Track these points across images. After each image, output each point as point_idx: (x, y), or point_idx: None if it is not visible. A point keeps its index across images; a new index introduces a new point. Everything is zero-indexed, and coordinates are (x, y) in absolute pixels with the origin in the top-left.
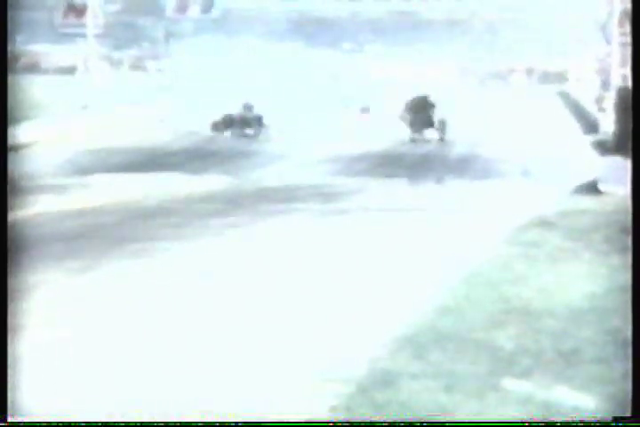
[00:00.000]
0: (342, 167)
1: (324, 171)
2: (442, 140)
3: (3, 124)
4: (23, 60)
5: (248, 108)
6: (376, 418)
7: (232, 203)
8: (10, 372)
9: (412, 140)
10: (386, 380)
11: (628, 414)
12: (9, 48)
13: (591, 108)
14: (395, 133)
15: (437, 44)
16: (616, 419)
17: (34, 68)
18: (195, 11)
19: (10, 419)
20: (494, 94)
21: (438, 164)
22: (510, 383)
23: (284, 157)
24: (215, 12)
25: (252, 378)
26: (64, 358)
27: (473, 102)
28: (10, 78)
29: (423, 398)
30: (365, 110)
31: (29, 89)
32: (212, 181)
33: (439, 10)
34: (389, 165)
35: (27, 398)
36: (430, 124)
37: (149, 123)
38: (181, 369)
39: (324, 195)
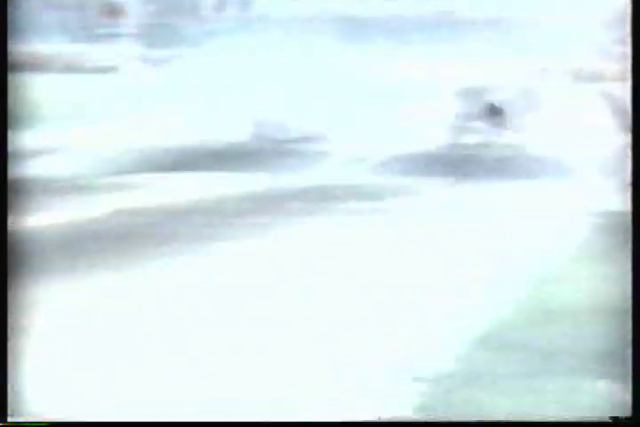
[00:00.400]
0: (383, 167)
1: (364, 170)
2: (489, 146)
3: (3, 126)
4: (59, 61)
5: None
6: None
7: (271, 202)
8: (10, 372)
9: (457, 146)
10: (470, 379)
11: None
12: (46, 48)
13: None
14: (438, 133)
15: (479, 42)
16: (615, 419)
17: (69, 68)
18: (232, 10)
19: (10, 419)
20: (537, 93)
21: (484, 163)
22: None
23: (324, 156)
24: (252, 12)
25: (334, 377)
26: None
27: (516, 101)
28: (46, 78)
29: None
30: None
31: (66, 89)
32: (251, 181)
33: (481, 8)
34: (433, 164)
35: (27, 398)
36: (478, 127)
37: (187, 122)
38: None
39: (364, 194)
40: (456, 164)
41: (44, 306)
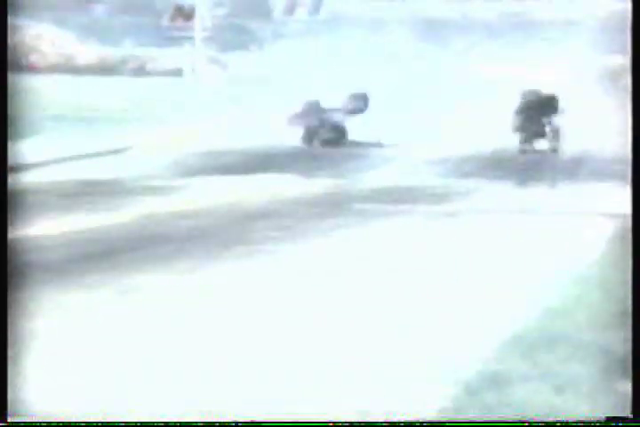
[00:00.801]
0: (452, 169)
1: (433, 172)
2: (555, 151)
3: (4, 134)
4: (131, 64)
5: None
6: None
7: (340, 204)
8: (10, 371)
9: (522, 152)
10: (496, 381)
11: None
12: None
13: None
14: (505, 135)
15: (550, 44)
16: (615, 419)
17: (141, 70)
18: (302, 12)
19: (10, 419)
20: (607, 94)
21: (549, 165)
22: (624, 386)
23: (393, 158)
24: (323, 14)
25: (361, 377)
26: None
27: (586, 102)
28: (116, 80)
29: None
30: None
31: (137, 92)
32: (320, 183)
33: (551, 10)
34: (499, 166)
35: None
36: (542, 132)
37: (256, 124)
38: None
39: (434, 196)
40: (522, 166)
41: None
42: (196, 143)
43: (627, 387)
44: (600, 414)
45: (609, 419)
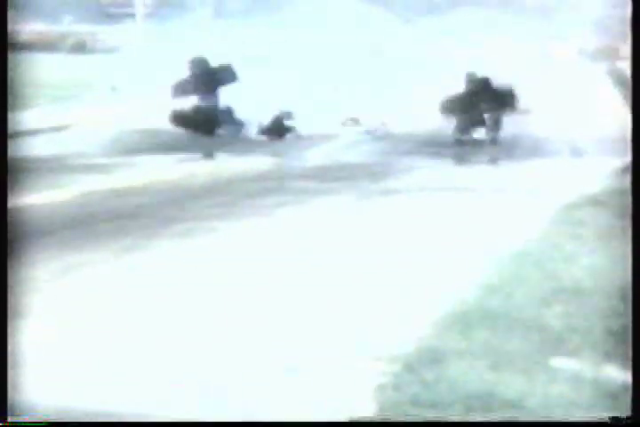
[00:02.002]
0: (392, 147)
1: (373, 150)
2: (494, 142)
3: (3, 107)
4: (70, 40)
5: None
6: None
7: (279, 182)
8: (10, 369)
9: (457, 142)
10: (434, 358)
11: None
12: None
13: None
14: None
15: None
16: (615, 419)
17: (81, 47)
18: None
19: (10, 419)
20: (543, 73)
21: (487, 143)
22: (559, 362)
23: (334, 136)
24: None
25: (297, 355)
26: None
27: (521, 82)
28: (55, 58)
29: (471, 377)
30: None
31: (76, 69)
32: (259, 161)
33: None
34: (439, 144)
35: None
36: (481, 121)
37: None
38: (231, 346)
39: (373, 174)
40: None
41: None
42: (135, 121)
43: (561, 363)
44: (540, 390)
45: (609, 418)
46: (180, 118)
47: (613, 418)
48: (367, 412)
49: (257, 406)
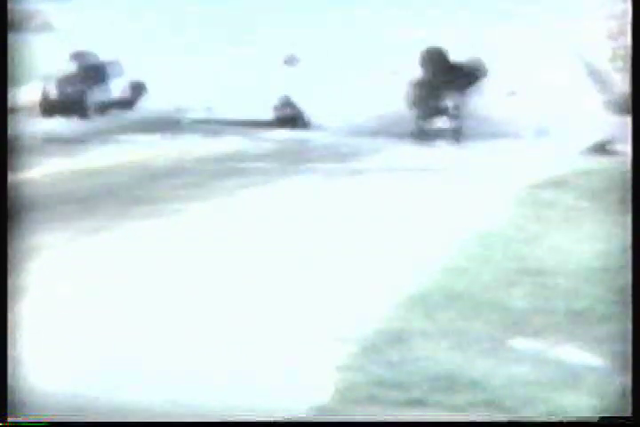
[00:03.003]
0: (359, 128)
1: (339, 131)
2: (457, 132)
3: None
4: (34, 20)
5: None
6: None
7: (244, 163)
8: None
9: (418, 133)
10: (398, 339)
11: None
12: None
13: (605, 68)
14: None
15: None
16: (615, 419)
17: (46, 27)
18: None
19: (10, 419)
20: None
21: (450, 133)
22: (521, 342)
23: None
24: None
25: (259, 336)
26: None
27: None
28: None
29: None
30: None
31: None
32: (225, 142)
33: None
34: (403, 125)
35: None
36: (443, 108)
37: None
38: (187, 333)
39: (338, 154)
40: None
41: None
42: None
43: (524, 343)
44: (503, 370)
45: (609, 418)
46: (47, 107)
47: (602, 418)
48: (329, 392)
49: (215, 387)
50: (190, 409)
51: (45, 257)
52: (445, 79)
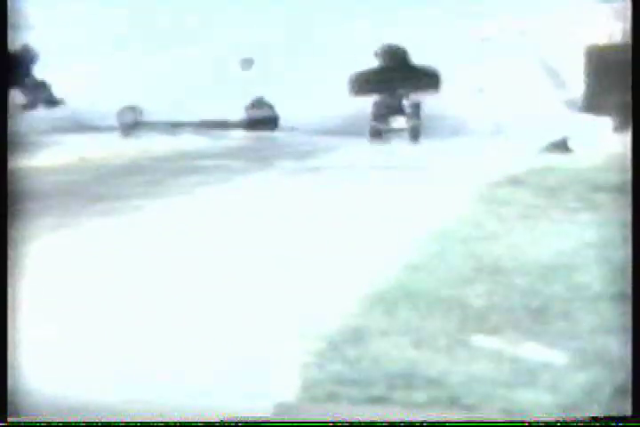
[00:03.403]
0: (317, 126)
1: (297, 129)
2: (415, 132)
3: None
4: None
5: None
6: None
7: (203, 161)
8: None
9: (374, 133)
10: (356, 337)
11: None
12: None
13: (562, 66)
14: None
15: (409, 6)
16: (616, 419)
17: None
18: None
19: (10, 419)
20: (463, 53)
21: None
22: (479, 340)
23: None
24: None
25: (220, 335)
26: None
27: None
28: None
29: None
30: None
31: None
32: (184, 140)
33: None
34: (360, 123)
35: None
36: (399, 107)
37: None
38: (145, 332)
39: (298, 153)
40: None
41: None
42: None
43: (482, 341)
44: (461, 367)
45: (609, 418)
46: None
47: (602, 418)
48: (292, 390)
49: (176, 386)
50: (152, 408)
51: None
52: (403, 78)
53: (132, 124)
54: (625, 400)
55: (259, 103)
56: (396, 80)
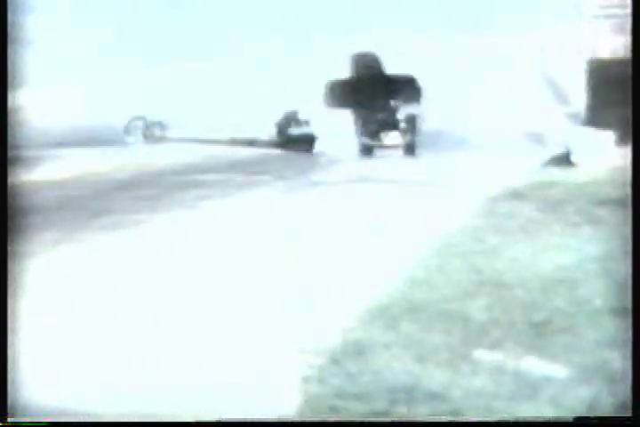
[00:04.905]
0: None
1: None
2: (410, 148)
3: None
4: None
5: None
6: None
7: (204, 175)
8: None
9: (364, 151)
10: (358, 350)
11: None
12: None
13: (564, 80)
14: None
15: (408, 19)
16: (615, 419)
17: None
18: None
19: (10, 419)
20: (466, 67)
21: (402, 151)
22: (481, 354)
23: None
24: None
25: (223, 349)
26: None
27: (443, 76)
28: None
29: (395, 368)
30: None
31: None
32: (184, 154)
33: None
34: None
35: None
36: (392, 122)
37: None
38: (151, 343)
39: (297, 167)
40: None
41: None
42: (62, 114)
43: (484, 355)
44: (463, 381)
45: (609, 418)
46: None
47: (602, 418)
48: (293, 405)
49: (180, 398)
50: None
51: (7, 269)
52: (383, 88)
53: (157, 138)
54: (626, 414)
55: (294, 120)
56: (377, 91)
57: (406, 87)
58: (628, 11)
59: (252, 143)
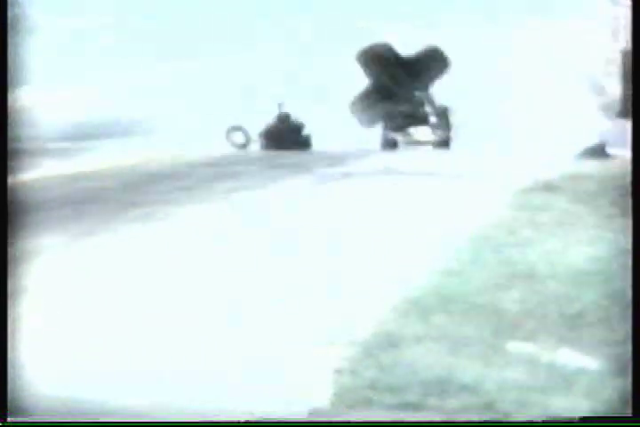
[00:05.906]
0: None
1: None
2: (445, 143)
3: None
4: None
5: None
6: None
7: (235, 167)
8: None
9: (386, 145)
10: (391, 343)
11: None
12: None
13: (598, 71)
14: None
15: (434, 10)
16: (616, 419)
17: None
18: None
19: (10, 419)
20: (497, 58)
21: (435, 146)
22: (514, 346)
23: None
24: None
25: (254, 340)
26: (66, 325)
27: (474, 66)
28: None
29: (428, 360)
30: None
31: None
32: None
33: None
34: None
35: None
36: (421, 116)
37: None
38: (188, 334)
39: (331, 159)
40: None
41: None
42: (94, 106)
43: (517, 347)
44: (496, 374)
45: (608, 418)
46: None
47: (602, 418)
48: (325, 397)
49: (210, 390)
50: (183, 412)
51: (41, 260)
52: (404, 73)
53: (242, 144)
54: None
55: (286, 119)
56: (398, 78)
57: (430, 61)
58: None
59: (244, 146)
